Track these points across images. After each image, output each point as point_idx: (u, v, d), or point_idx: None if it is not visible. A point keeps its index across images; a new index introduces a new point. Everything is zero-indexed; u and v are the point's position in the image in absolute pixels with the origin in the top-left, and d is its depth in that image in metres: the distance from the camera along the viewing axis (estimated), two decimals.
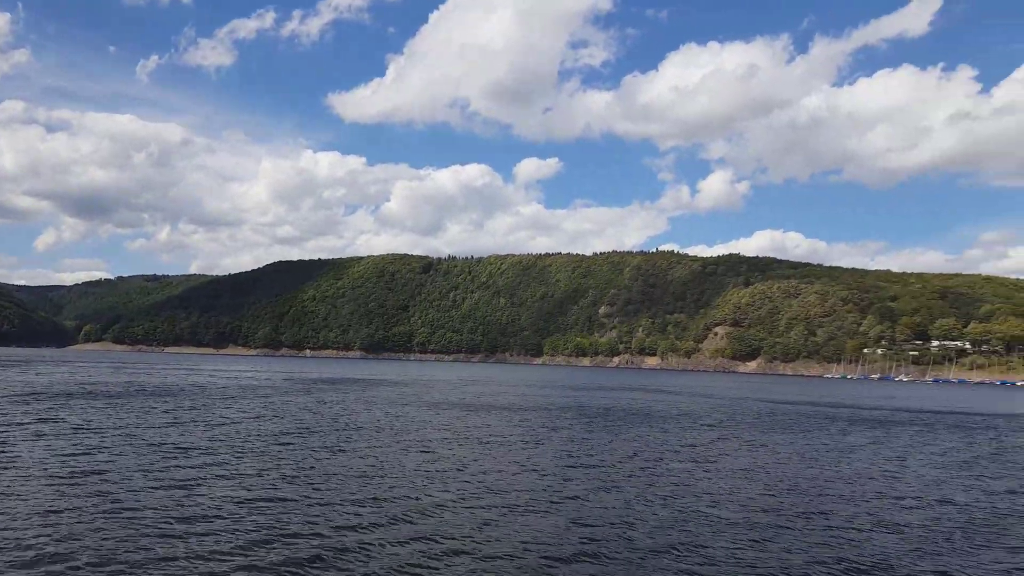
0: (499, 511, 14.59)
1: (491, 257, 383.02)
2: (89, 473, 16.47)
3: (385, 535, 12.41)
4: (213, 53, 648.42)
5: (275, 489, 15.67)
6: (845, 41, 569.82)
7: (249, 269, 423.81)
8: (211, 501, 14.23)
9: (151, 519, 12.67)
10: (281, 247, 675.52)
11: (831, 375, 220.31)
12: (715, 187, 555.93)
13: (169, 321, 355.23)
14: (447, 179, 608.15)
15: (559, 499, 16.00)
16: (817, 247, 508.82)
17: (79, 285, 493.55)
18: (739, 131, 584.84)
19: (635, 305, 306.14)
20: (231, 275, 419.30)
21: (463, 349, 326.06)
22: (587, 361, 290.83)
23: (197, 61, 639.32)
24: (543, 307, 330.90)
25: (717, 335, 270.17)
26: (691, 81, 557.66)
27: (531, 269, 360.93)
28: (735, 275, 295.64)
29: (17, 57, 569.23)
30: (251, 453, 20.52)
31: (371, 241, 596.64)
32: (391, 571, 10.60)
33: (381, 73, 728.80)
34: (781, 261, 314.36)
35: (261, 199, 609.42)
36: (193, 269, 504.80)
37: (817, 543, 13.05)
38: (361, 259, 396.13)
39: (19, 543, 10.95)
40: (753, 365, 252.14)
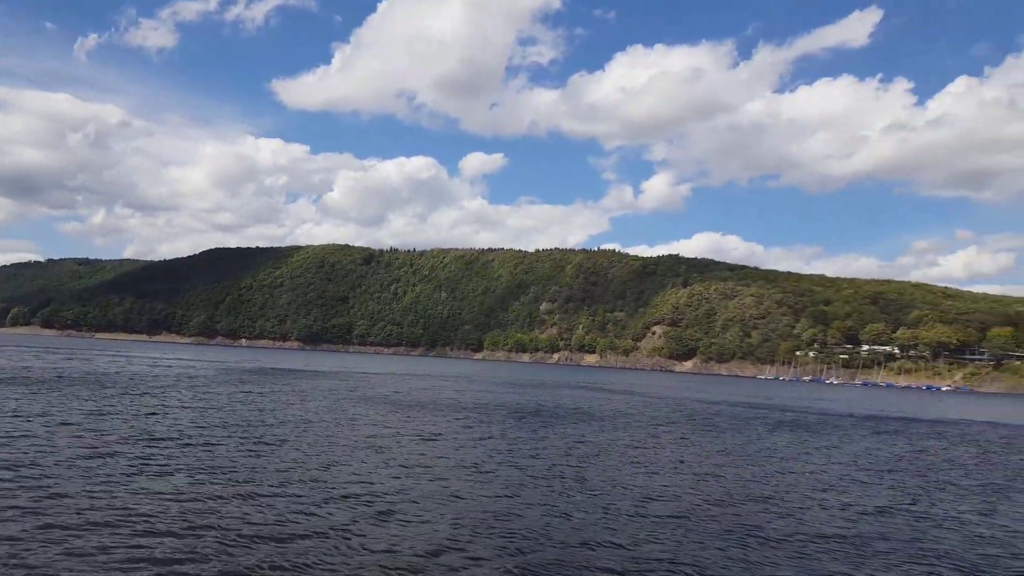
0: (419, 507, 14.23)
1: (434, 250, 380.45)
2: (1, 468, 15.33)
3: (299, 530, 11.89)
4: (155, 34, 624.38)
5: (196, 483, 14.90)
6: (788, 49, 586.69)
7: (186, 255, 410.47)
8: (129, 495, 13.49)
9: (66, 514, 11.94)
10: (220, 234, 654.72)
11: (764, 376, 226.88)
12: (657, 188, 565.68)
13: (101, 306, 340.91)
14: (392, 170, 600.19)
15: (484, 496, 15.74)
16: (755, 250, 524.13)
17: (8, 267, 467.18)
18: (682, 134, 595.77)
19: (576, 303, 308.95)
20: (167, 261, 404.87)
21: (403, 342, 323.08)
22: (527, 357, 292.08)
23: (138, 42, 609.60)
24: (484, 302, 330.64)
25: (655, 334, 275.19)
26: (637, 82, 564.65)
27: (474, 264, 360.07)
28: (675, 275, 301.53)
29: None
30: (175, 446, 19.53)
31: (312, 231, 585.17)
32: (301, 568, 10.11)
33: (327, 61, 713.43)
34: (719, 263, 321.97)
35: (200, 185, 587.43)
36: (128, 254, 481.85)
37: (733, 540, 13.16)
38: (301, 248, 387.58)
39: None
40: (689, 365, 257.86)
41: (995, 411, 79.66)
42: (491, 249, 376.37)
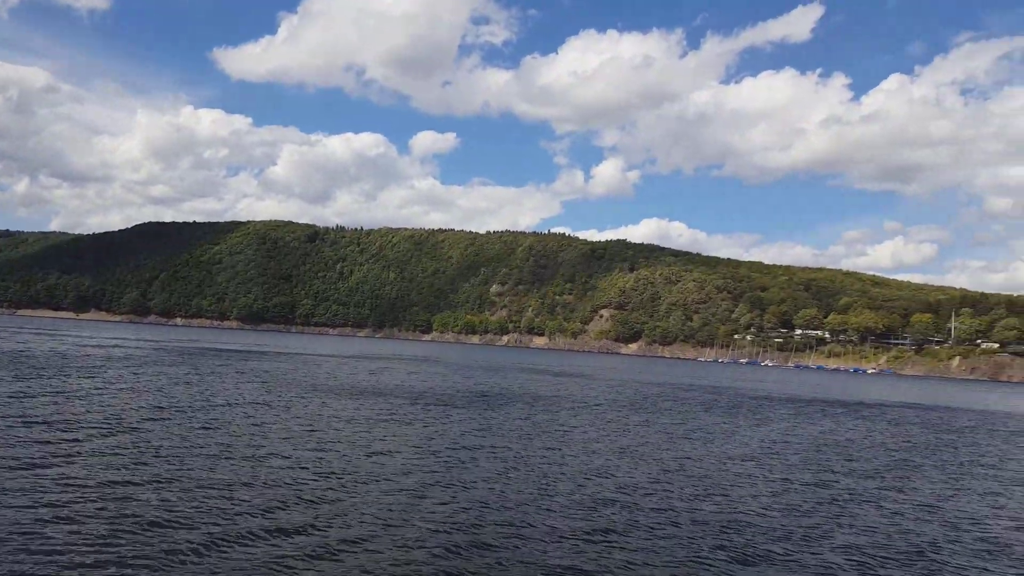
0: (349, 492, 14.10)
1: (382, 229, 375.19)
2: None
3: (221, 519, 11.62)
4: None
5: (118, 470, 14.39)
6: (734, 40, 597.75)
7: (117, 229, 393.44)
8: (54, 484, 12.92)
9: None
10: (155, 207, 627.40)
11: (704, 359, 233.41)
12: (607, 174, 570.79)
13: (24, 281, 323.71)
14: (339, 146, 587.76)
15: (422, 481, 15.72)
16: (698, 237, 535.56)
17: None
18: (632, 120, 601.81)
19: (526, 285, 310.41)
20: (96, 235, 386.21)
21: (350, 323, 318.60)
22: (476, 339, 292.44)
23: (67, 1, 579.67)
24: (434, 283, 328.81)
25: (603, 317, 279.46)
26: (589, 67, 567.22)
27: (423, 244, 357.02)
28: (622, 260, 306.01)
29: None
30: (101, 431, 18.80)
31: (254, 206, 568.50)
32: (237, 562, 9.89)
33: (272, 31, 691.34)
34: (664, 249, 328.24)
35: (134, 155, 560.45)
36: (53, 226, 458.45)
37: (664, 519, 13.51)
38: (242, 224, 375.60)
39: None
40: (634, 347, 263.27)
41: (913, 393, 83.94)
42: (442, 230, 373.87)
